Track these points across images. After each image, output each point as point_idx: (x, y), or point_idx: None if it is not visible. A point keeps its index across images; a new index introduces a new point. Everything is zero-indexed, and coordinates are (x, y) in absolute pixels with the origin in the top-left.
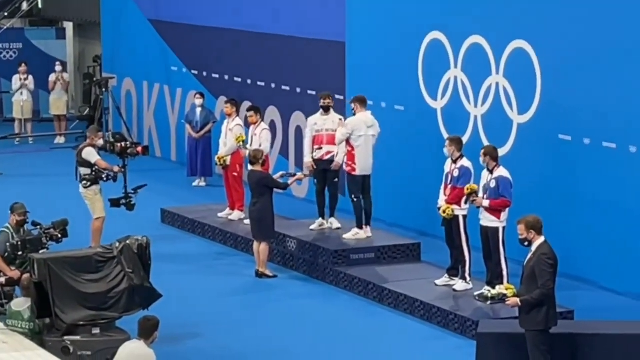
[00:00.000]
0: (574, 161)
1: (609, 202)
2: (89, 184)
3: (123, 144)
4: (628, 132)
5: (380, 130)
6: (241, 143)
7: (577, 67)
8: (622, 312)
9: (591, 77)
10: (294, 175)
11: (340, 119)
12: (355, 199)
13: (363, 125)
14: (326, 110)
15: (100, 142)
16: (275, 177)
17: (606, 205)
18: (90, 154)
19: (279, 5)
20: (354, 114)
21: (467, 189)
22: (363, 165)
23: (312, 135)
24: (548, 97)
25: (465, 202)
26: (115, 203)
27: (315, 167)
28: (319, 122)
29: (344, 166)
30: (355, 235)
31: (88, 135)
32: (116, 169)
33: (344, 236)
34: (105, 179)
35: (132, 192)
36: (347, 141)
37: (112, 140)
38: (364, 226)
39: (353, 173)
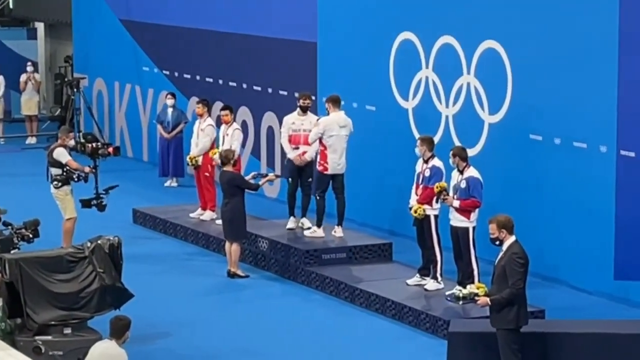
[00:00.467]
0: (545, 161)
1: (580, 201)
2: (60, 184)
3: (94, 144)
4: (598, 131)
5: (354, 130)
6: (216, 156)
7: (548, 67)
8: (592, 311)
9: (562, 77)
10: (266, 175)
11: (318, 119)
12: (318, 197)
13: (335, 125)
14: (304, 110)
15: (72, 142)
16: (247, 178)
17: (577, 204)
18: (61, 155)
19: (251, 6)
20: (328, 114)
21: (437, 187)
22: (334, 164)
23: (289, 134)
24: (519, 97)
25: (436, 201)
26: (86, 204)
27: (301, 157)
28: (296, 122)
29: (316, 165)
30: (312, 233)
31: (59, 136)
32: (87, 169)
33: (305, 233)
34: (76, 179)
35: (104, 192)
36: (320, 140)
37: (83, 140)
38: (336, 226)
39: (325, 172)
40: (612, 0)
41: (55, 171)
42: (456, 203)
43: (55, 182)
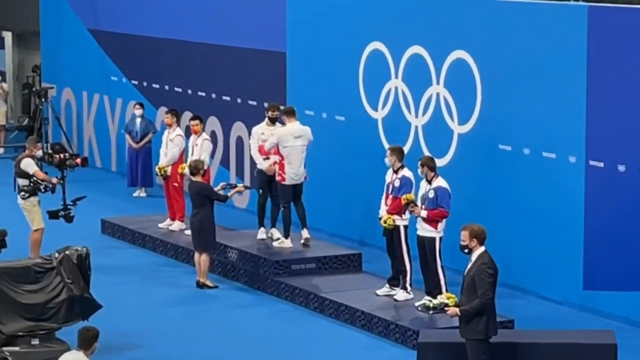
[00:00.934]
0: (514, 171)
1: (549, 211)
2: (27, 195)
3: (62, 155)
4: (567, 142)
5: (313, 138)
6: (186, 170)
7: (517, 78)
8: (561, 321)
9: (531, 87)
10: (235, 186)
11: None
12: (283, 208)
13: (290, 136)
14: (273, 121)
15: (39, 153)
16: (216, 188)
17: (546, 215)
18: (28, 165)
19: (220, 16)
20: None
21: (404, 199)
22: (292, 175)
23: (258, 144)
24: (488, 107)
25: (404, 212)
26: (53, 215)
27: (272, 166)
28: (265, 133)
29: (276, 175)
30: (280, 244)
31: (27, 146)
32: (54, 180)
33: (273, 244)
34: (43, 190)
35: (71, 203)
36: (278, 151)
37: (51, 151)
38: (302, 230)
39: (283, 182)
40: (581, 12)
41: (22, 182)
42: (424, 213)
43: (23, 193)
